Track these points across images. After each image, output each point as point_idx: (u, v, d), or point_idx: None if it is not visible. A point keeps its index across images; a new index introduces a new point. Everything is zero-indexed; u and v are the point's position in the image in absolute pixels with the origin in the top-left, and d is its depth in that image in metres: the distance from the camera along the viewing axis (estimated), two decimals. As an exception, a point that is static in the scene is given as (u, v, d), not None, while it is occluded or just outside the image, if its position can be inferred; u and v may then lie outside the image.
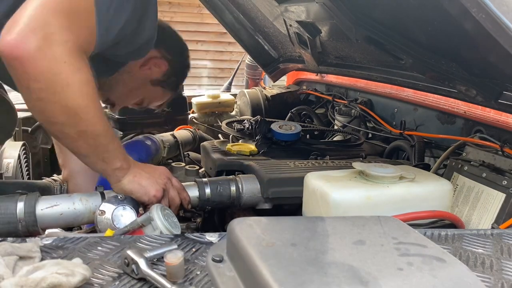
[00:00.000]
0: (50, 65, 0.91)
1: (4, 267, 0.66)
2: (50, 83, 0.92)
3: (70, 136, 1.00)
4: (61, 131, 1.00)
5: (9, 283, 0.61)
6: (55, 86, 0.93)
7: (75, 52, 0.95)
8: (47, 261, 0.70)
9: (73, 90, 0.95)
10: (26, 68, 0.90)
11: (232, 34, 2.54)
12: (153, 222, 0.95)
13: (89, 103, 0.98)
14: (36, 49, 0.89)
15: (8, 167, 1.58)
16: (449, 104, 1.58)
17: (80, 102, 0.96)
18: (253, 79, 4.80)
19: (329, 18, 1.65)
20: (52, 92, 0.93)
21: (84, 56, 0.98)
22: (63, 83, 0.93)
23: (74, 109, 0.96)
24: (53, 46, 0.91)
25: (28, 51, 0.89)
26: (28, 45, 0.89)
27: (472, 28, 1.05)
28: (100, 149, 1.04)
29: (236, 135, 1.72)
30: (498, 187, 1.16)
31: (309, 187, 1.09)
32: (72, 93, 0.95)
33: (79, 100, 0.96)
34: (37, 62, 0.90)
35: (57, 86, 0.93)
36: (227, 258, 0.73)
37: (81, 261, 0.73)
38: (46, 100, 0.94)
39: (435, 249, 0.69)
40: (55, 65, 0.92)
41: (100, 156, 1.05)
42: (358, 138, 1.84)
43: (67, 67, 0.93)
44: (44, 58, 0.90)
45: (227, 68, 7.67)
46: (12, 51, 0.89)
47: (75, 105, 0.96)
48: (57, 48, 0.92)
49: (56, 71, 0.92)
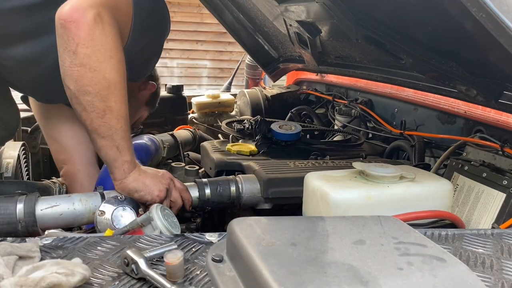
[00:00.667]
0: (101, 35, 1.02)
1: (4, 266, 0.66)
2: (97, 51, 1.02)
3: (98, 110, 1.04)
4: (91, 103, 1.04)
5: (9, 283, 0.61)
6: (100, 55, 1.03)
7: (118, 35, 1.07)
8: (46, 261, 0.70)
9: (113, 63, 1.04)
10: (80, 31, 1.01)
11: (232, 34, 2.54)
12: (153, 222, 0.95)
13: (122, 80, 1.07)
14: (92, 18, 1.01)
15: (8, 167, 1.58)
16: (449, 104, 1.58)
17: (116, 77, 1.05)
18: (253, 79, 4.80)
19: (329, 18, 1.65)
20: (96, 60, 1.02)
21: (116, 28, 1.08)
22: (107, 54, 1.03)
23: (110, 82, 1.04)
24: (105, 23, 1.03)
25: (85, 17, 1.00)
26: (86, 13, 1.01)
27: (472, 27, 1.05)
28: (119, 134, 1.07)
29: (236, 135, 1.72)
30: (499, 187, 1.16)
31: (309, 187, 1.09)
32: (112, 66, 1.04)
33: (116, 74, 1.05)
34: (91, 29, 1.00)
35: (102, 56, 1.03)
36: (227, 258, 0.72)
37: (81, 260, 0.73)
38: (88, 66, 1.02)
39: (435, 249, 0.68)
40: (105, 37, 1.03)
41: (117, 142, 1.07)
42: (358, 138, 1.84)
43: (113, 43, 1.04)
44: (97, 27, 1.01)
45: (227, 68, 7.67)
46: (71, 15, 1.00)
47: (112, 78, 1.04)
48: (107, 25, 1.03)
49: (104, 42, 1.02)
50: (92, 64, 1.02)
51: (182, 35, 7.42)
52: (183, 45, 7.64)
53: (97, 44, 1.02)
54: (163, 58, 7.53)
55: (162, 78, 1.93)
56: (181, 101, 2.49)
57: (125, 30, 1.15)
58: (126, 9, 1.15)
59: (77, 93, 1.04)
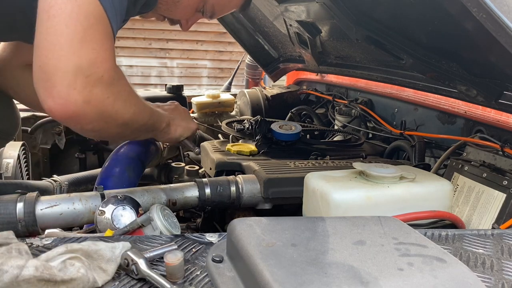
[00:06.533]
0: (97, 110, 0.98)
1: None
2: (101, 120, 1.01)
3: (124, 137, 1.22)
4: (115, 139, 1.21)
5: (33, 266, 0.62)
6: (105, 118, 1.01)
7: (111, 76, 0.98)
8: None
9: (120, 112, 1.04)
10: (79, 121, 0.98)
11: (232, 34, 2.54)
12: (153, 222, 0.95)
13: (134, 109, 1.08)
14: (82, 103, 0.94)
15: (8, 167, 1.58)
16: (449, 104, 1.58)
17: (128, 116, 1.06)
18: (253, 79, 4.80)
19: (329, 17, 1.65)
20: (104, 123, 1.02)
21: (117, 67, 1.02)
22: (111, 113, 1.02)
23: (125, 123, 1.07)
24: (94, 89, 0.95)
25: (76, 109, 0.94)
26: (73, 104, 0.93)
27: (472, 28, 1.05)
28: (149, 128, 1.21)
29: (236, 135, 1.72)
30: (499, 187, 1.16)
31: (309, 187, 1.09)
32: (120, 115, 1.04)
33: (127, 115, 1.06)
34: (86, 114, 0.96)
35: (107, 118, 1.02)
36: (227, 258, 0.73)
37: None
38: (98, 129, 1.03)
39: (436, 250, 0.69)
40: (102, 107, 0.98)
41: (150, 133, 1.26)
42: (359, 138, 1.83)
43: (111, 99, 1.00)
44: (91, 107, 0.96)
45: (227, 68, 7.67)
46: (62, 114, 0.95)
47: (125, 120, 1.06)
48: (97, 89, 0.95)
49: (103, 109, 0.99)
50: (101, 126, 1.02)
51: (182, 35, 7.43)
52: (183, 45, 7.65)
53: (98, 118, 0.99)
54: (163, 58, 7.59)
55: (162, 78, 1.91)
56: (181, 101, 2.47)
57: (105, 25, 0.98)
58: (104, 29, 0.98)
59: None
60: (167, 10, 1.28)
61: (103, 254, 0.72)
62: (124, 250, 0.73)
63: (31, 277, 0.61)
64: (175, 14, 1.31)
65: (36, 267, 0.62)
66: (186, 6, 1.27)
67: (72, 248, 0.71)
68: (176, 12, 1.29)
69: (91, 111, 0.96)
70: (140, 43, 7.37)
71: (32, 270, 0.62)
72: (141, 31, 7.14)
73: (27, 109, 1.80)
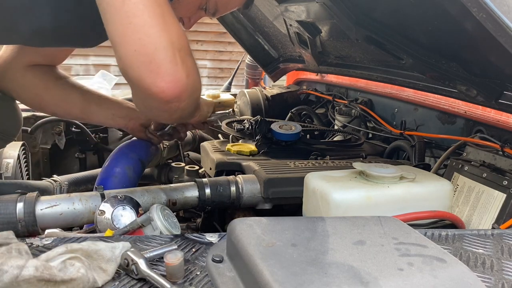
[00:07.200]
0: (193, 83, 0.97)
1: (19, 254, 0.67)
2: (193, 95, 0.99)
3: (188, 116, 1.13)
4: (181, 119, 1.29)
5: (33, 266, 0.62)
6: (196, 92, 1.01)
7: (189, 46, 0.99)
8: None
9: (200, 84, 1.04)
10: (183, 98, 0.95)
11: (232, 34, 2.54)
12: (153, 222, 0.95)
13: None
14: (186, 78, 0.94)
15: (8, 167, 1.58)
16: (449, 104, 1.58)
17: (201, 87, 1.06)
18: (253, 79, 4.81)
19: (329, 17, 1.65)
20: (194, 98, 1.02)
21: None
22: (199, 85, 1.02)
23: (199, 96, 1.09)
24: (188, 62, 0.95)
25: (183, 85, 0.94)
26: (180, 80, 0.93)
27: (472, 28, 1.05)
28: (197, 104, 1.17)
29: (236, 135, 1.72)
30: (499, 187, 1.16)
31: (309, 187, 1.09)
32: (200, 87, 1.04)
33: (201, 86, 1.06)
34: (188, 89, 0.95)
35: (197, 91, 1.02)
36: (227, 259, 0.73)
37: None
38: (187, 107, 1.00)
39: (436, 250, 0.69)
40: (196, 79, 0.98)
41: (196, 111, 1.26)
42: (359, 138, 1.83)
43: (197, 70, 1.00)
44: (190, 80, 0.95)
45: (227, 68, 7.67)
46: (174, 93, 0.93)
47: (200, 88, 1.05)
48: (189, 62, 0.96)
49: (196, 82, 0.99)
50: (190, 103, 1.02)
51: (182, 35, 7.41)
52: (183, 45, 7.63)
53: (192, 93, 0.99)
54: (163, 58, 7.58)
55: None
56: (181, 101, 2.49)
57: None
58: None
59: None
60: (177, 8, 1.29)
61: (103, 254, 0.72)
62: (124, 250, 0.73)
63: (31, 277, 0.61)
64: (178, 12, 1.31)
65: (36, 267, 0.62)
66: (189, 3, 1.27)
67: (72, 248, 0.71)
68: (179, 9, 1.29)
69: (190, 85, 0.96)
70: (140, 43, 7.37)
71: (32, 270, 0.62)
72: (141, 31, 7.13)
73: (27, 109, 1.80)
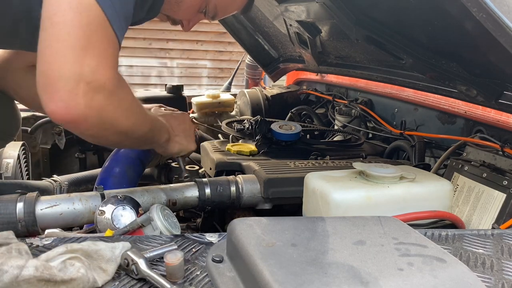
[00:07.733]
0: (98, 116, 0.96)
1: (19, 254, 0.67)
2: (100, 127, 0.99)
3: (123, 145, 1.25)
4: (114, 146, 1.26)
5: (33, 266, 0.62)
6: (105, 125, 1.00)
7: (113, 84, 0.97)
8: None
9: (120, 121, 1.03)
10: (79, 126, 0.96)
11: (232, 34, 2.54)
12: (153, 222, 0.95)
13: (135, 118, 1.08)
14: (83, 109, 0.93)
15: (8, 167, 1.58)
16: (449, 104, 1.58)
17: (127, 125, 1.05)
18: (253, 79, 4.80)
19: (329, 17, 1.65)
20: (103, 130, 1.00)
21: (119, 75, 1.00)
22: (111, 120, 1.00)
23: (124, 132, 1.06)
24: (95, 96, 0.94)
25: (77, 114, 0.93)
26: (74, 108, 0.93)
27: (472, 28, 1.05)
28: (148, 140, 1.20)
29: (236, 135, 1.72)
30: (499, 187, 1.16)
31: (309, 187, 1.09)
32: (120, 123, 1.03)
33: (127, 124, 1.05)
34: (87, 120, 0.95)
35: (107, 125, 1.00)
36: (227, 258, 0.73)
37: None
38: (98, 135, 1.02)
39: (436, 250, 0.69)
40: (102, 113, 0.97)
41: (148, 145, 1.27)
42: (359, 138, 1.83)
43: (112, 107, 0.99)
44: (92, 113, 0.95)
45: (227, 68, 7.67)
46: (63, 118, 0.94)
47: (124, 129, 1.05)
48: (98, 96, 0.94)
49: (103, 116, 0.98)
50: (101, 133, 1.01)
51: (182, 35, 7.42)
52: (183, 45, 7.64)
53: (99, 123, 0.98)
54: (163, 58, 7.60)
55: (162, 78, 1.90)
56: (181, 101, 2.49)
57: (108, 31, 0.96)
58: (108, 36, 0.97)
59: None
60: (170, 10, 1.28)
61: (103, 254, 0.72)
62: (124, 250, 0.73)
63: (31, 277, 0.61)
64: (177, 14, 1.31)
65: (36, 267, 0.62)
66: (189, 7, 1.27)
67: (72, 248, 0.71)
68: (178, 12, 1.29)
69: (91, 117, 0.96)
70: (140, 43, 7.37)
71: (32, 270, 0.62)
72: (141, 31, 7.13)
73: (27, 109, 1.80)
